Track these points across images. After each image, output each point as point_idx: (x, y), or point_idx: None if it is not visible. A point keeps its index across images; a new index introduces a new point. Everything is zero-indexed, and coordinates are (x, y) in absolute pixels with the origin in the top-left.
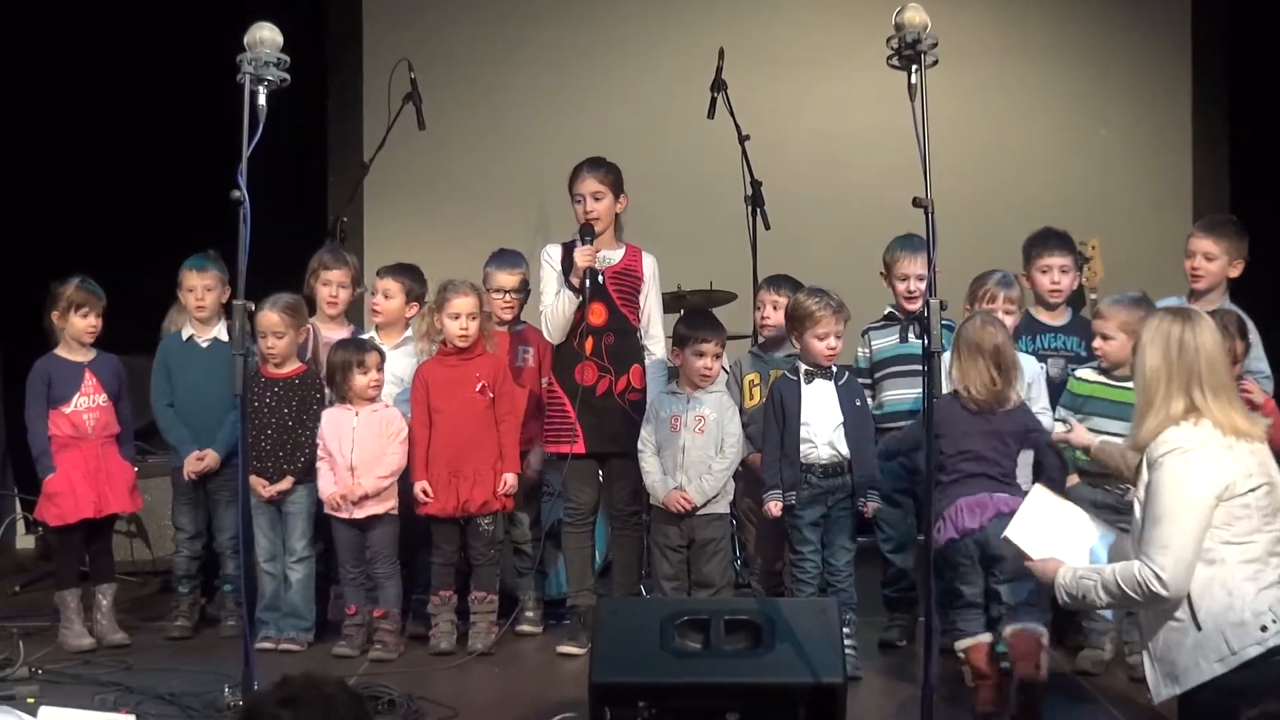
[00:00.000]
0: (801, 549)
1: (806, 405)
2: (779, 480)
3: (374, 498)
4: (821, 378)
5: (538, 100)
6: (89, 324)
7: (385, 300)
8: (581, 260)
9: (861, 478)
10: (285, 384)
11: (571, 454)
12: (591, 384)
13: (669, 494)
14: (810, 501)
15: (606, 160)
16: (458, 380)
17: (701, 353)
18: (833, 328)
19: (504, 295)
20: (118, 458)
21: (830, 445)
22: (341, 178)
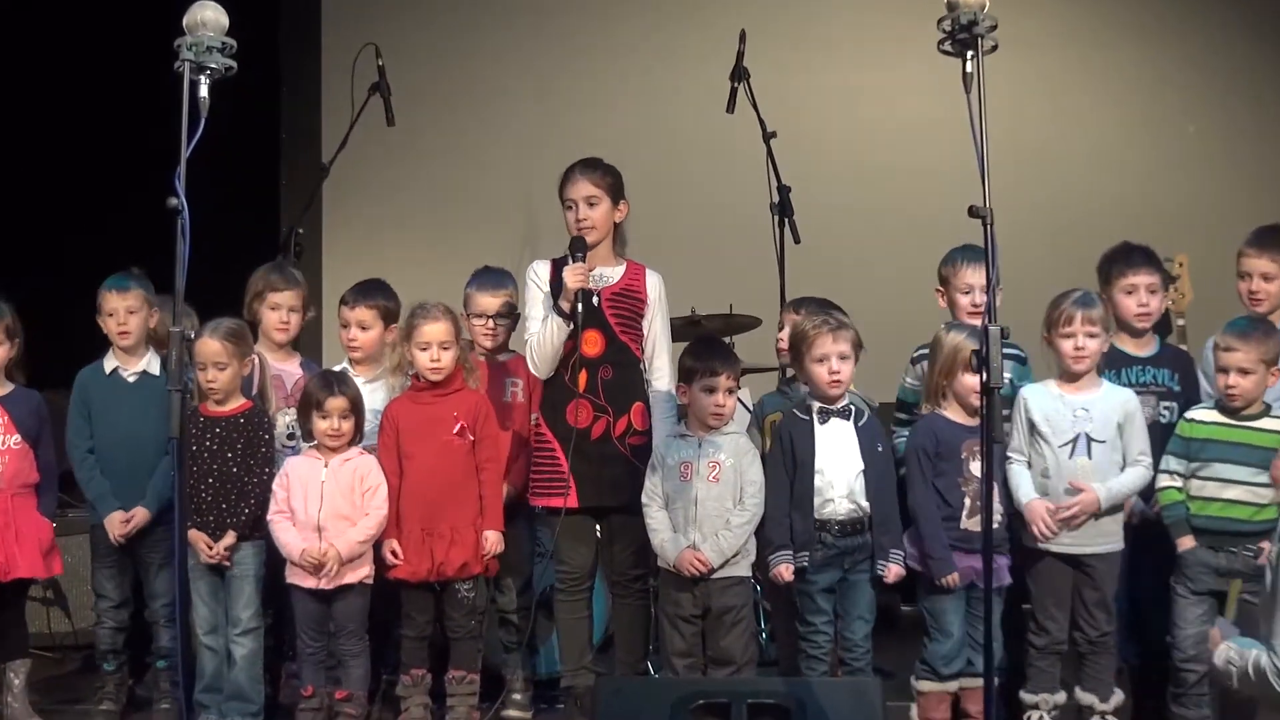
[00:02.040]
0: (813, 620)
1: (821, 449)
2: (789, 539)
3: (346, 564)
4: (838, 416)
5: (526, 92)
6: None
7: (362, 332)
8: (572, 280)
9: (884, 535)
10: (228, 423)
11: (565, 509)
12: (586, 426)
13: (680, 554)
14: (824, 564)
15: (603, 161)
16: (431, 420)
17: (711, 388)
18: (831, 348)
19: (486, 321)
20: (32, 512)
21: (849, 497)
22: (296, 183)
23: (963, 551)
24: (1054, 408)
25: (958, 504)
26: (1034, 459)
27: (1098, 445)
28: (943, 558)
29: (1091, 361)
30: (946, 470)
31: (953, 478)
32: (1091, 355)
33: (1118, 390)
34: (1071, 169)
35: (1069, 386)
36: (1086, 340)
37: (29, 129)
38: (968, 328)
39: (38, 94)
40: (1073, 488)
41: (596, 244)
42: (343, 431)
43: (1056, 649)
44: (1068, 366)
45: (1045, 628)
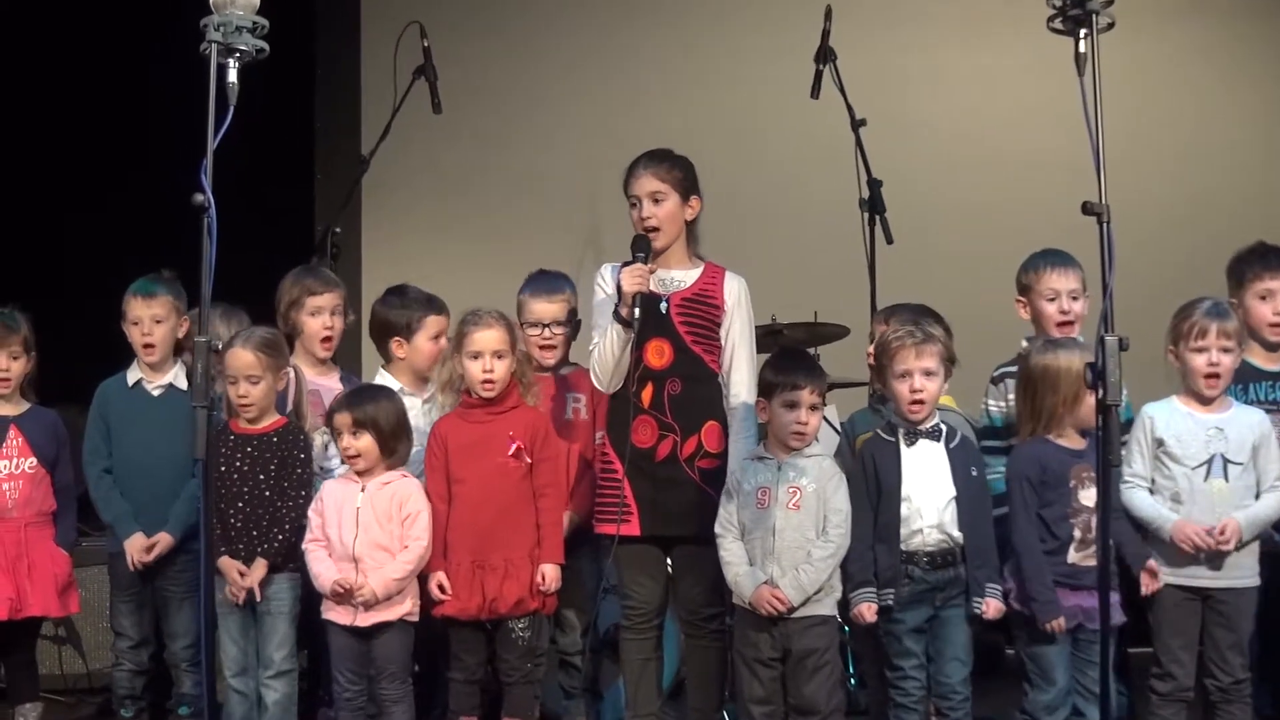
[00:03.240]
0: (901, 663)
1: (908, 474)
2: (872, 574)
3: (381, 603)
4: (927, 438)
5: (589, 75)
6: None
7: (434, 344)
8: (629, 282)
9: (979, 569)
10: (261, 442)
11: (619, 536)
12: (649, 445)
13: (757, 591)
14: (912, 601)
15: (672, 152)
16: (484, 440)
17: (793, 404)
18: (914, 363)
19: (544, 330)
20: (48, 544)
21: (938, 527)
22: (333, 177)
23: (1068, 589)
24: (1185, 426)
25: (1065, 536)
26: (1160, 483)
27: (1234, 467)
28: (1048, 600)
29: (1226, 380)
30: (1053, 500)
31: (1060, 508)
32: (1226, 373)
33: (1249, 410)
34: (1198, 159)
35: (1198, 404)
36: (1221, 356)
37: (36, 113)
38: (1068, 344)
39: (45, 76)
40: None
41: (666, 245)
42: (354, 449)
43: (1183, 696)
44: (1199, 386)
45: (1170, 672)
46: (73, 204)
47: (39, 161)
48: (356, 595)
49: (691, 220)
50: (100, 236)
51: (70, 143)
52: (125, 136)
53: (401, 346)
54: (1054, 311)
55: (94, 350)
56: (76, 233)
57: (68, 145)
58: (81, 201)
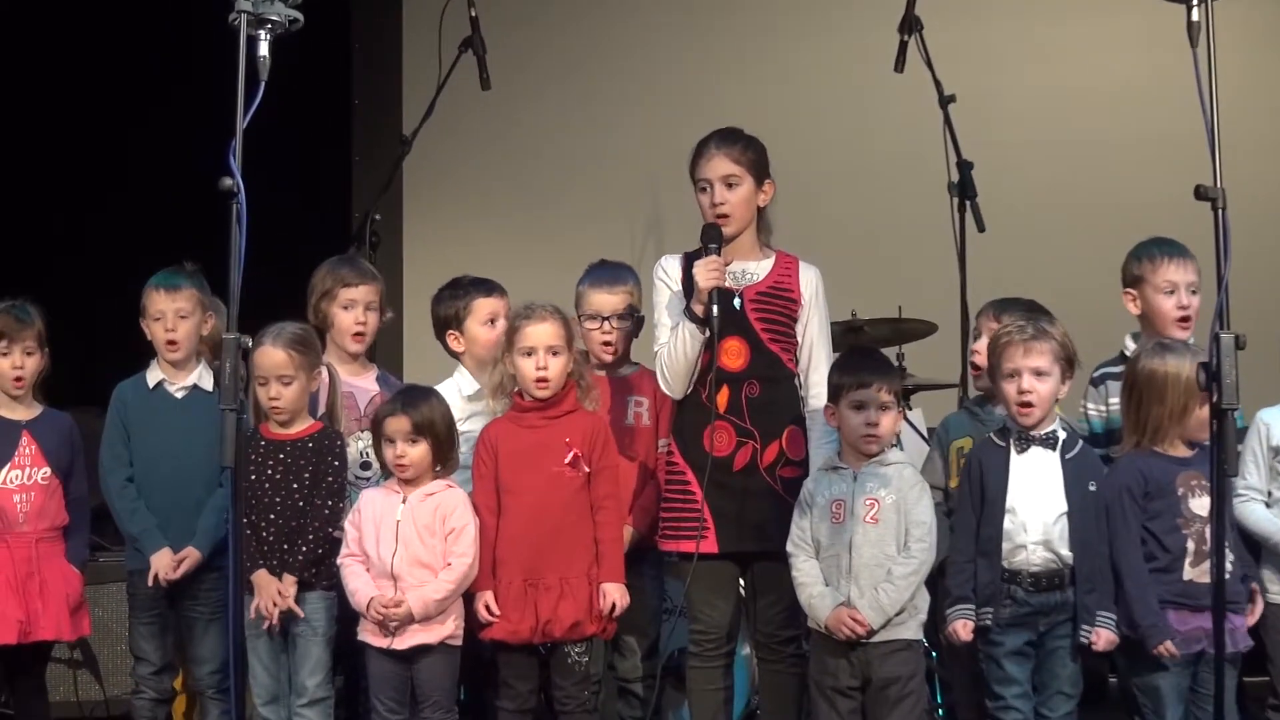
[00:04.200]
0: (1002, 691)
1: (1015, 484)
2: (971, 591)
3: (419, 624)
4: (1041, 445)
5: (651, 51)
6: (11, 366)
7: (490, 328)
8: (704, 276)
9: (1089, 594)
10: (295, 448)
11: (698, 554)
12: (727, 454)
13: (833, 613)
14: (1014, 623)
15: (745, 133)
16: (538, 447)
17: (861, 404)
18: (1022, 362)
19: (603, 323)
20: (60, 560)
21: (1045, 545)
22: (372, 160)
23: (1188, 610)
24: None
25: (1177, 549)
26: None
27: None
28: (1154, 623)
29: None
30: (1161, 511)
31: (1169, 519)
32: None
33: None
34: None
35: None
36: None
37: (51, 94)
38: (1178, 349)
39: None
40: None
41: (736, 233)
42: (409, 458)
43: None
44: None
45: None
46: (89, 191)
47: (53, 144)
48: (390, 617)
49: (764, 206)
50: (118, 226)
51: (87, 125)
52: (146, 118)
53: (458, 339)
54: (1171, 307)
55: (109, 348)
56: (93, 222)
57: (84, 128)
58: (98, 188)
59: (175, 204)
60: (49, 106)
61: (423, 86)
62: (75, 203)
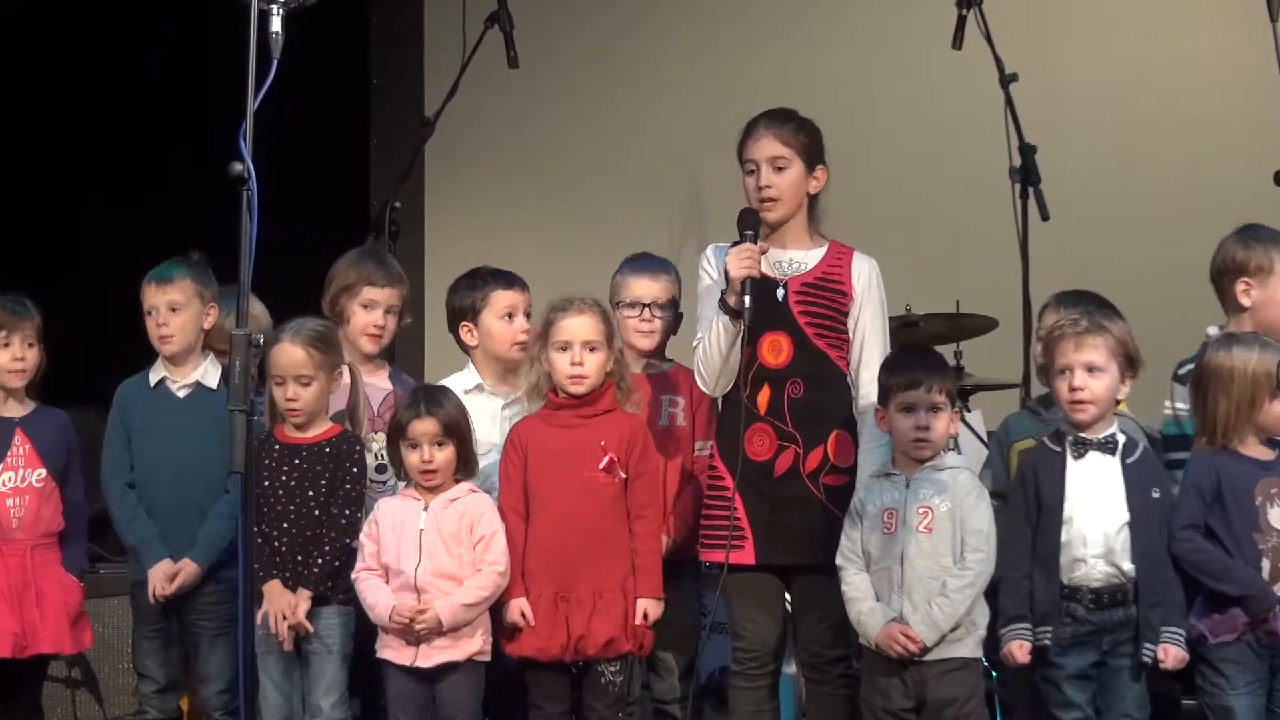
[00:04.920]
0: (1062, 716)
1: (1073, 492)
2: (1028, 608)
3: (447, 634)
4: (1099, 450)
5: (689, 26)
6: (11, 357)
7: (506, 322)
8: (736, 265)
9: (1154, 609)
10: (312, 453)
11: (728, 564)
12: (767, 459)
13: (884, 630)
14: (1075, 643)
15: (798, 114)
16: (572, 450)
17: (910, 406)
18: (1074, 357)
19: (642, 310)
20: (57, 569)
21: (1106, 557)
22: (392, 143)
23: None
24: None
25: (1251, 560)
26: None
27: None
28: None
29: None
30: (1234, 520)
31: (1244, 528)
32: None
33: None
34: None
35: None
36: None
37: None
38: (1246, 340)
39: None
40: None
41: (782, 220)
42: (436, 463)
43: None
44: None
45: None
46: (90, 181)
47: (51, 133)
48: (417, 624)
49: (815, 194)
50: (122, 217)
51: (90, 112)
52: (152, 103)
53: (471, 333)
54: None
55: (113, 346)
56: (95, 213)
57: (88, 115)
58: (100, 178)
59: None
60: (51, 93)
61: (446, 65)
62: (76, 194)
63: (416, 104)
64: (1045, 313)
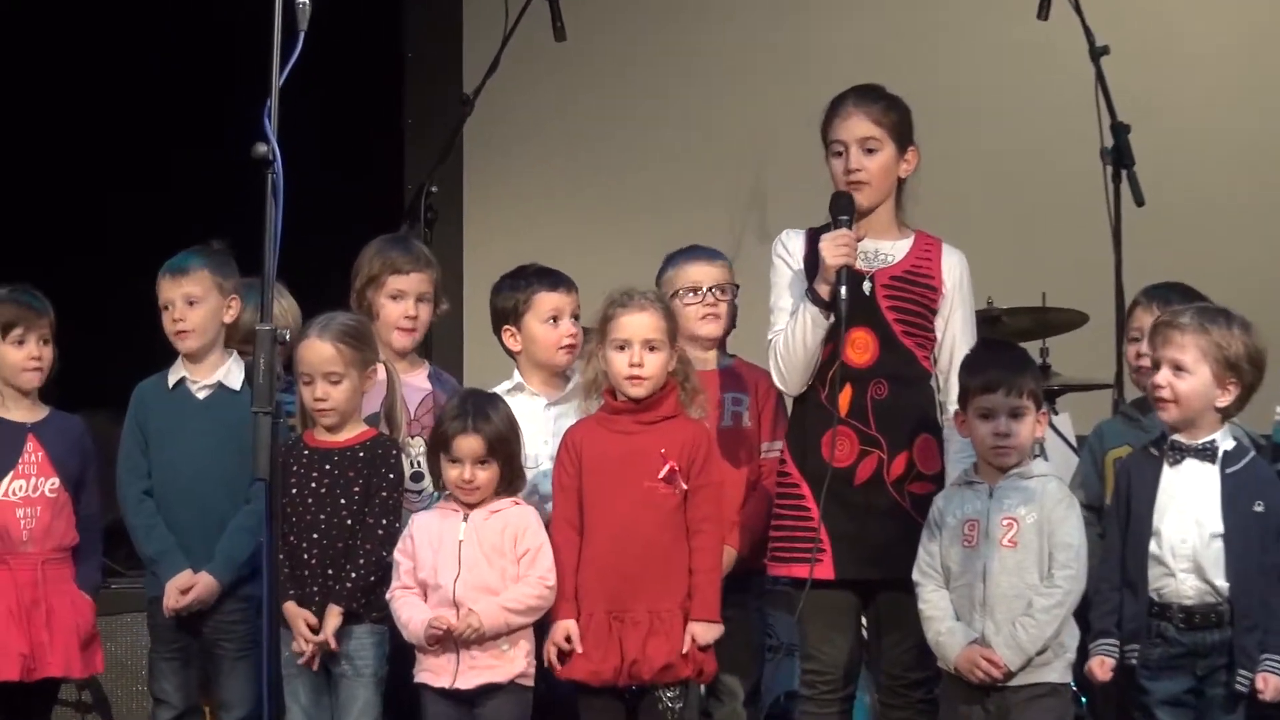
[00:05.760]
0: None
1: (1164, 502)
2: (1115, 623)
3: (488, 651)
4: (1196, 456)
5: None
6: (27, 355)
7: (551, 326)
8: (832, 253)
9: (1249, 632)
10: (345, 459)
11: (811, 580)
12: (848, 464)
13: (963, 652)
14: (1166, 666)
15: (887, 91)
16: (629, 457)
17: (988, 411)
18: (1161, 352)
19: (705, 294)
20: (69, 586)
21: (1196, 573)
22: (428, 123)
23: None
24: None
25: None
26: None
27: None
28: None
29: None
30: None
31: None
32: None
33: None
34: None
35: None
36: None
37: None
38: None
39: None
40: None
41: (872, 206)
42: (477, 482)
43: None
44: None
45: None
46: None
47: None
48: (457, 629)
49: (904, 179)
50: (139, 206)
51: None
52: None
53: (514, 337)
54: None
55: (126, 343)
56: (112, 200)
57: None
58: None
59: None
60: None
61: (487, 37)
62: (88, 177)
63: (455, 80)
64: (1135, 310)
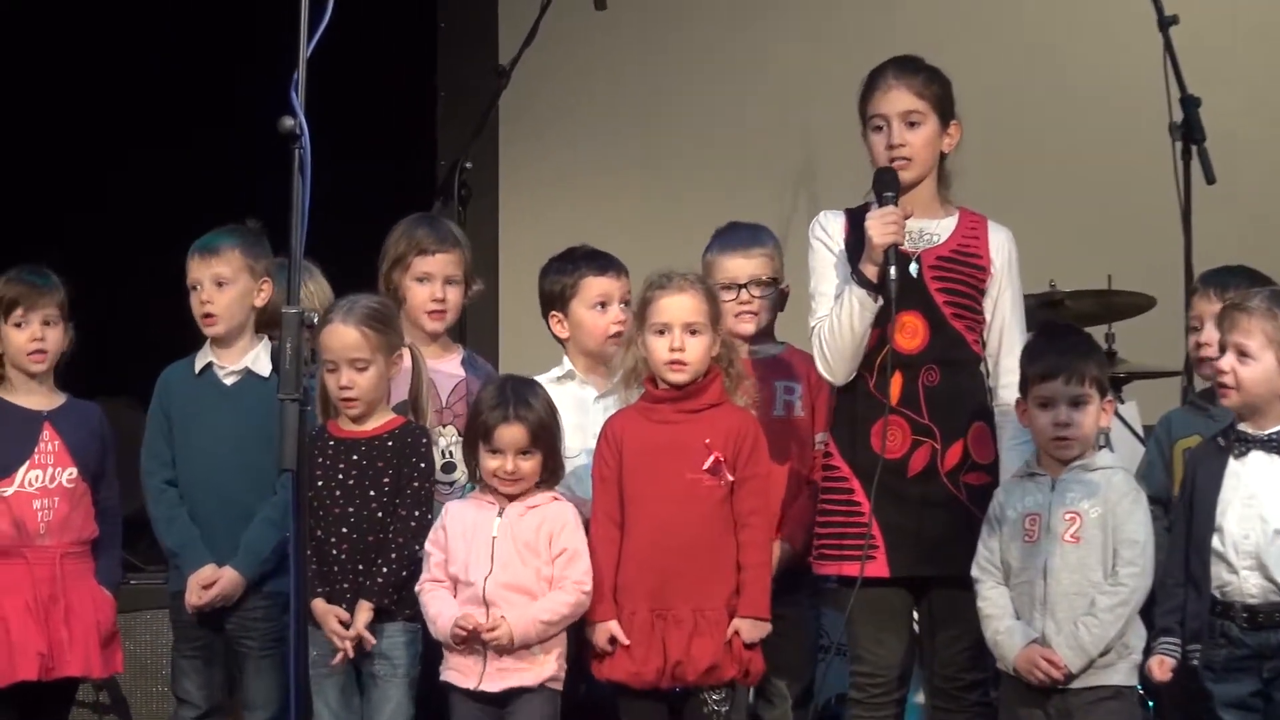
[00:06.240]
0: None
1: (1228, 496)
2: (1177, 622)
3: (518, 653)
4: (1263, 449)
5: None
6: (29, 338)
7: (599, 312)
8: (880, 231)
9: None
10: (372, 449)
11: (862, 578)
12: (900, 456)
13: (1023, 652)
14: (1230, 668)
15: (927, 62)
16: (672, 448)
17: (1046, 400)
18: (1226, 336)
19: (740, 292)
20: (88, 582)
21: (1260, 570)
22: (462, 95)
23: None
24: None
25: None
26: None
27: None
28: None
29: None
30: None
31: None
32: None
33: None
34: None
35: None
36: None
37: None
38: None
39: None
40: None
41: (915, 182)
42: (520, 474)
43: None
44: None
45: None
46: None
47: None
48: (487, 637)
49: (947, 154)
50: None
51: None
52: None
53: (561, 323)
54: None
55: (154, 328)
56: (134, 175)
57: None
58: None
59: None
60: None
61: (523, 6)
62: (107, 148)
63: (490, 51)
64: (1193, 298)
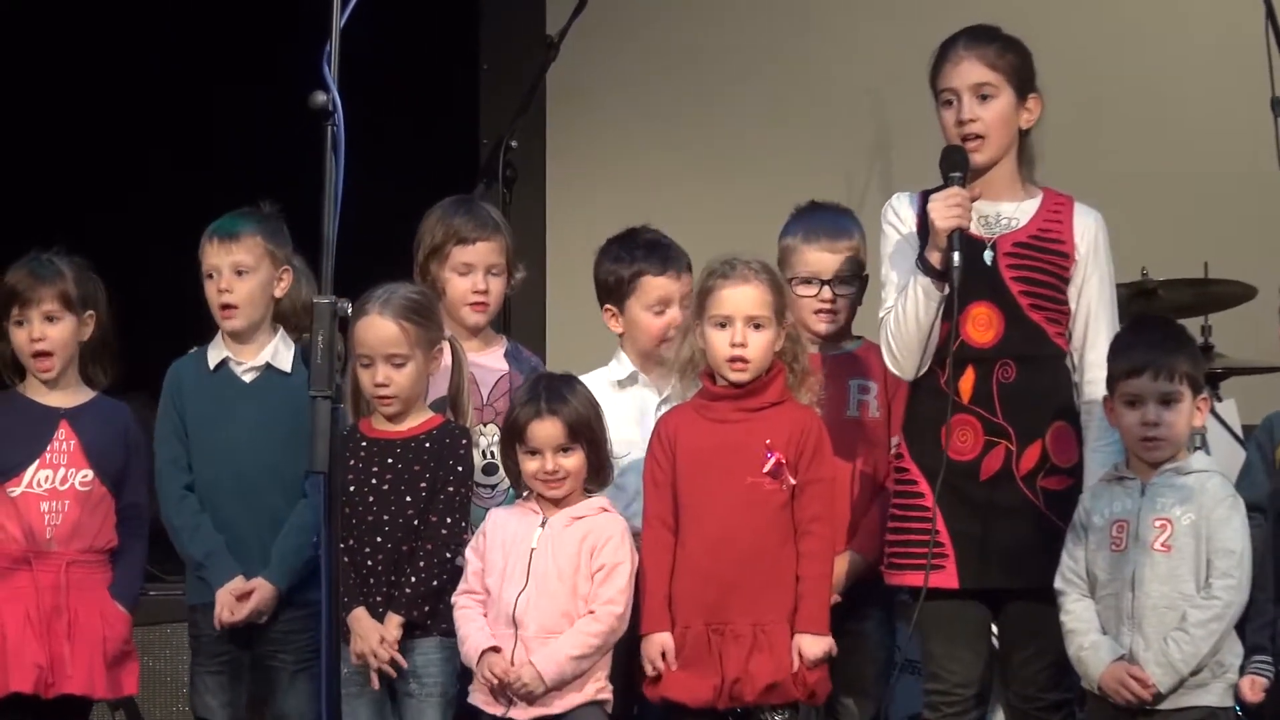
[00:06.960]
0: None
1: None
2: (1268, 639)
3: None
4: None
5: None
6: (28, 337)
7: (658, 316)
8: (943, 214)
9: None
10: (408, 450)
11: (926, 588)
12: (972, 458)
13: (1109, 670)
14: None
15: (1003, 32)
16: (730, 449)
17: (1134, 398)
18: None
19: (822, 289)
20: (99, 594)
21: None
22: (507, 70)
23: None
24: None
25: None
26: None
27: None
28: None
29: None
30: None
31: None
32: None
33: None
34: None
35: None
36: None
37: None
38: None
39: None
40: None
41: (990, 162)
42: (563, 471)
43: None
44: None
45: None
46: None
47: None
48: (516, 687)
49: (1027, 130)
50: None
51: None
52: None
53: (616, 318)
54: None
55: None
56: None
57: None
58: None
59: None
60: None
61: None
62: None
63: (537, 20)
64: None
